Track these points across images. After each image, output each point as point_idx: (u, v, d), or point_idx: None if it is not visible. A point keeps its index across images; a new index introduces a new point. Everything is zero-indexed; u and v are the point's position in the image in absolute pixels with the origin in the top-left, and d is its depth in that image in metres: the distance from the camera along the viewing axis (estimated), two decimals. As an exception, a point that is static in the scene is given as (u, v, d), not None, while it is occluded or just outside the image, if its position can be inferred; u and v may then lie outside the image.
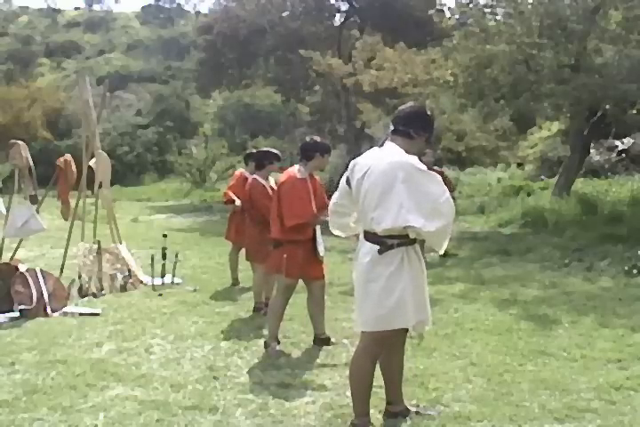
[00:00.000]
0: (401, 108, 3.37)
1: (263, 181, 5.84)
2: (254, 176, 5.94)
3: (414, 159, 3.13)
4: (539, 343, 4.78)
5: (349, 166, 3.34)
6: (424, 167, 3.13)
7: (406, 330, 3.32)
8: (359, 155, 3.43)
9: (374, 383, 3.61)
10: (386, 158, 3.13)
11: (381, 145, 3.28)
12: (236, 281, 7.32)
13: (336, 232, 3.66)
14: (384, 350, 3.28)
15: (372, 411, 3.35)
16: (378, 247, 3.14)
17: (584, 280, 7.29)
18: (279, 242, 4.73)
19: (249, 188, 5.85)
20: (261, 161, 5.95)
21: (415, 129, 3.25)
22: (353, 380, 3.28)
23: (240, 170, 7.52)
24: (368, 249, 3.20)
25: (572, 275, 7.61)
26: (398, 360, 3.43)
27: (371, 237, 3.19)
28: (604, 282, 7.18)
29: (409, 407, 3.46)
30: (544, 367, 4.24)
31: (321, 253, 4.77)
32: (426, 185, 3.07)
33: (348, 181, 3.33)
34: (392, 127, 3.28)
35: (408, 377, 3.98)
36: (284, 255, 4.64)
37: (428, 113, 3.39)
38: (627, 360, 4.35)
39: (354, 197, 3.29)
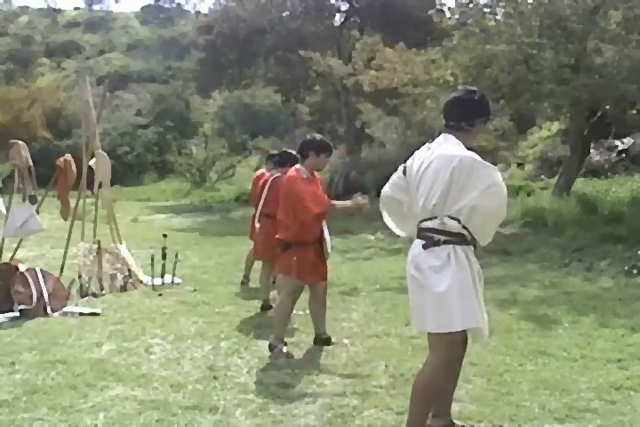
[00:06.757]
0: (447, 100, 3.21)
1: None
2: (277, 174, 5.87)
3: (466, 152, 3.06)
4: (539, 343, 4.78)
5: (411, 157, 3.22)
6: (479, 159, 3.04)
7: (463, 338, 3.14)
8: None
9: (374, 383, 3.61)
10: (445, 150, 3.07)
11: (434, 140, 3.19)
12: (245, 279, 7.32)
13: (393, 228, 3.44)
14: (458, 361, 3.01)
15: (372, 410, 3.34)
16: (424, 242, 3.00)
17: (584, 280, 7.29)
18: (288, 244, 4.61)
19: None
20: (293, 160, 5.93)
21: (467, 121, 3.14)
22: (417, 394, 2.95)
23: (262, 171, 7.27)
24: (417, 244, 3.06)
25: (571, 275, 7.61)
26: None
27: (420, 232, 3.07)
28: (604, 282, 7.18)
29: (455, 422, 3.22)
30: (544, 367, 4.24)
31: (329, 252, 4.73)
32: (474, 179, 2.99)
33: (404, 171, 3.21)
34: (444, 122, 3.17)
35: (408, 377, 3.98)
36: (294, 258, 4.53)
37: (474, 98, 3.14)
38: (627, 360, 4.35)
39: (411, 187, 3.15)
